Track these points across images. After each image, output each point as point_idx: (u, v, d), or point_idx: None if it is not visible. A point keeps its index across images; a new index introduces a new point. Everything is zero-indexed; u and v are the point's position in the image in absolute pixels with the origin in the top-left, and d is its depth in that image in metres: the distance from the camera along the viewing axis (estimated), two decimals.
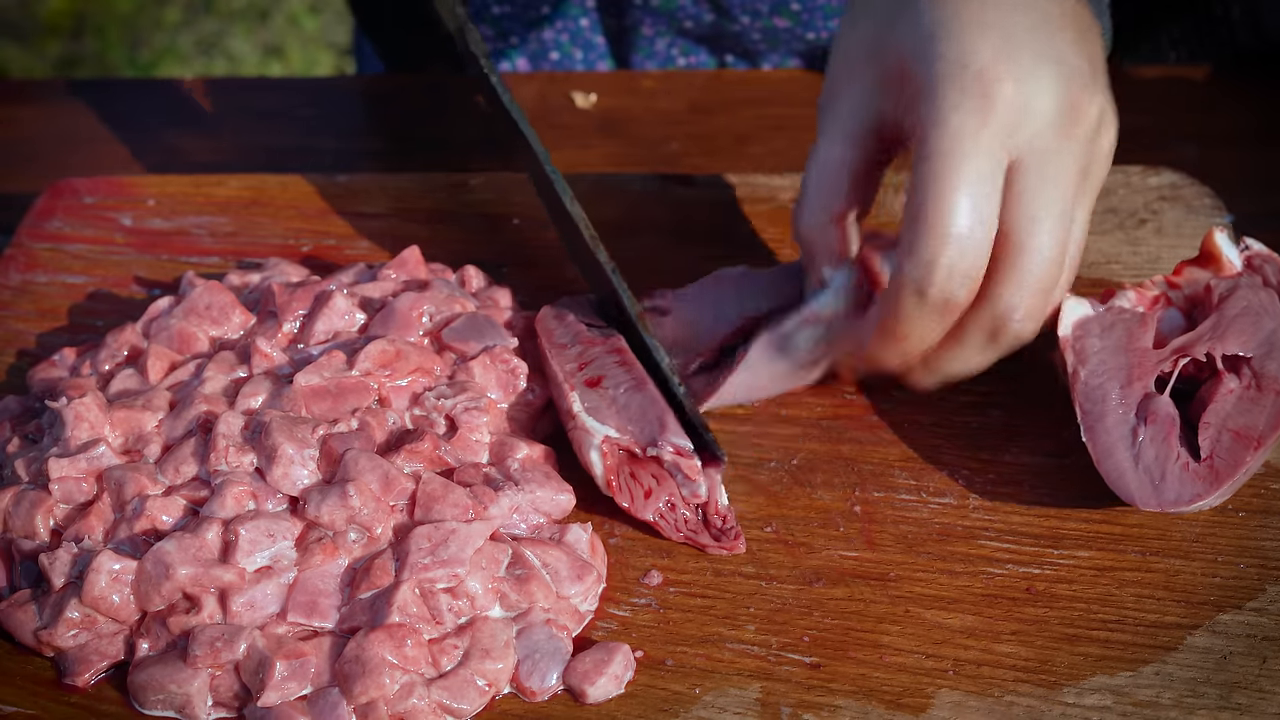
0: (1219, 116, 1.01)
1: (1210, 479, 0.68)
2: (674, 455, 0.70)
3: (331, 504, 0.67)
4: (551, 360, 0.75)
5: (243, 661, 0.64)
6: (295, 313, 0.78)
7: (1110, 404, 0.71)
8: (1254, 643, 0.66)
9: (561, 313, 0.79)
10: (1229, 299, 0.73)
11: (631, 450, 0.71)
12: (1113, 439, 0.70)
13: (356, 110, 1.10)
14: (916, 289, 0.69)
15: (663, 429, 0.71)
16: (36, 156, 1.05)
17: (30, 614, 0.67)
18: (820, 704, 0.64)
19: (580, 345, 0.76)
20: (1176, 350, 0.72)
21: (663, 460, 0.71)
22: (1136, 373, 0.71)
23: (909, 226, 0.69)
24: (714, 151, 1.01)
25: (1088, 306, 0.74)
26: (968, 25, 0.70)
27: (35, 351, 0.84)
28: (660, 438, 0.71)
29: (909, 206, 0.69)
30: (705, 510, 0.71)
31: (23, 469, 0.72)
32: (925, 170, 0.69)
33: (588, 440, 0.71)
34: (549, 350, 0.76)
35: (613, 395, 0.73)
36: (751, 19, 1.09)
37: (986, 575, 0.69)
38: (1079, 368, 0.72)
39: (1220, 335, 0.71)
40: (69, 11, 2.72)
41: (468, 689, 0.64)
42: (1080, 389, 0.72)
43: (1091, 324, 0.73)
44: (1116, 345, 0.72)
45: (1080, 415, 0.71)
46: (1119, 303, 0.74)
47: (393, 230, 0.91)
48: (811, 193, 0.75)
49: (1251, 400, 0.70)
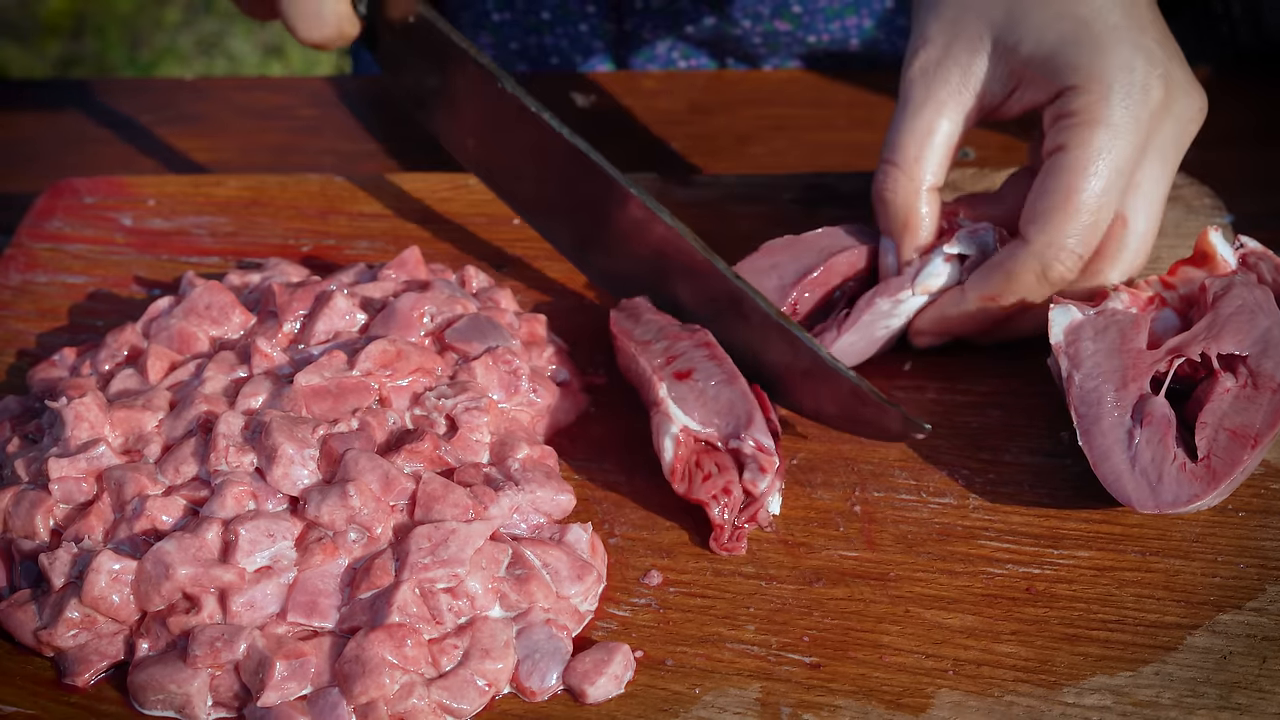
0: (1219, 116, 1.01)
1: (1208, 479, 0.68)
2: (754, 450, 0.71)
3: (331, 504, 0.67)
4: (639, 356, 0.76)
5: (243, 661, 0.64)
6: (296, 313, 0.78)
7: (1106, 407, 0.71)
8: (1254, 643, 0.66)
9: (634, 312, 0.80)
10: (1224, 297, 0.73)
11: (711, 442, 0.72)
12: (1109, 442, 0.70)
13: (356, 110, 1.10)
14: (1042, 267, 0.74)
15: (749, 424, 0.72)
16: (36, 156, 1.05)
17: (30, 614, 0.67)
18: (820, 704, 0.64)
19: (666, 340, 0.77)
20: (1171, 350, 0.72)
21: (742, 452, 0.71)
22: (1131, 374, 0.71)
23: (1044, 205, 0.73)
24: (714, 151, 1.01)
25: (1077, 311, 0.74)
26: (1114, 28, 0.73)
27: (35, 351, 0.84)
28: (744, 432, 0.72)
29: (1049, 185, 0.73)
30: (749, 505, 0.71)
31: (23, 469, 0.72)
32: (1078, 160, 0.72)
33: (665, 427, 0.73)
34: (634, 347, 0.77)
35: (702, 388, 0.74)
36: (753, 23, 1.09)
37: (986, 575, 0.69)
38: (1073, 372, 0.72)
39: (1216, 334, 0.71)
40: (69, 11, 2.72)
41: (468, 689, 0.64)
42: (1075, 393, 0.71)
43: (1084, 327, 0.73)
44: (1110, 348, 0.72)
45: (1076, 419, 0.71)
46: (1112, 305, 0.74)
47: (393, 230, 0.91)
48: (911, 162, 0.77)
49: (1248, 399, 0.70)
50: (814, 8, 1.08)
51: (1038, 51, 0.74)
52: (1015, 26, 0.75)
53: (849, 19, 1.09)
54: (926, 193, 0.77)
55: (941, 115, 0.76)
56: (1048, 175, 0.73)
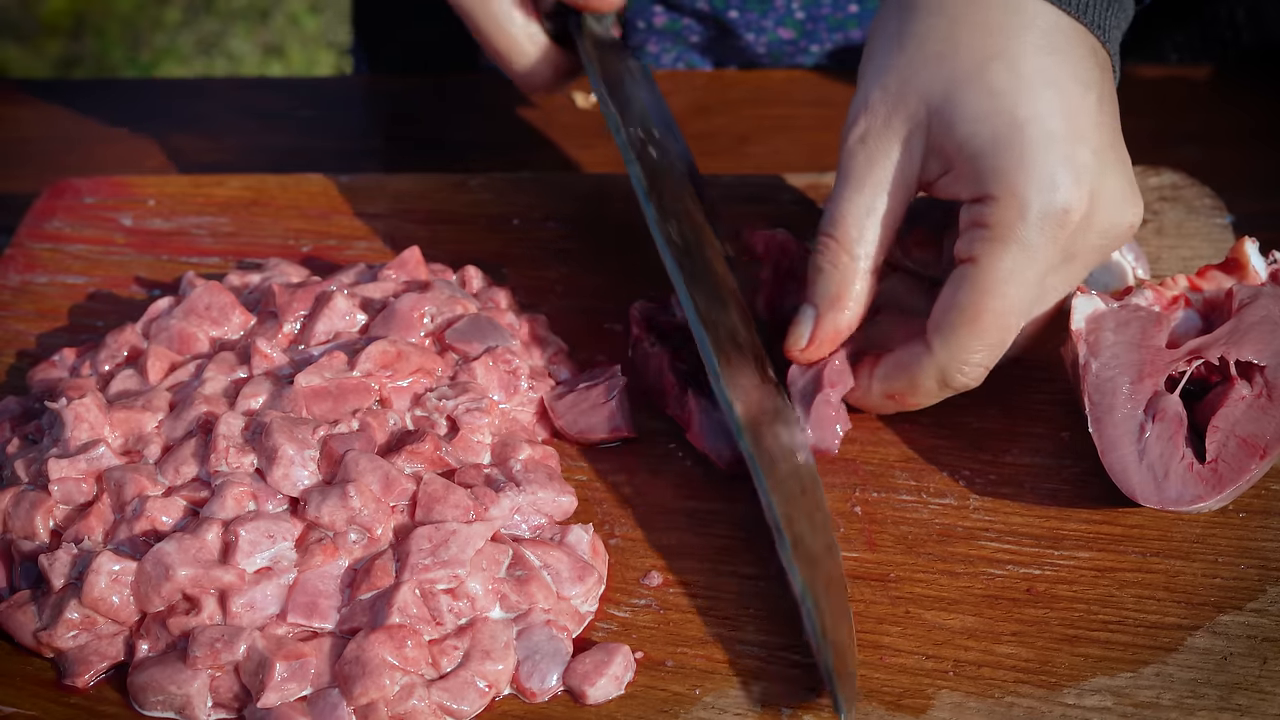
0: (1220, 116, 1.01)
1: (1213, 482, 0.68)
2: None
3: (332, 505, 0.67)
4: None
5: (242, 662, 0.64)
6: (296, 313, 0.78)
7: (1120, 398, 0.71)
8: (1254, 644, 0.66)
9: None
10: (1249, 306, 0.73)
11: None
12: (1119, 432, 0.70)
13: (356, 110, 1.10)
14: (944, 377, 0.72)
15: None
16: (36, 156, 1.05)
17: (30, 615, 0.67)
18: (820, 704, 0.64)
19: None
20: (1191, 351, 0.72)
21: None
22: (1149, 369, 0.71)
23: (950, 319, 0.70)
24: (714, 151, 1.01)
25: (1100, 301, 0.73)
26: (1049, 139, 0.69)
27: (35, 352, 0.84)
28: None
29: (957, 300, 0.70)
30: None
31: (23, 469, 0.72)
32: (987, 278, 0.69)
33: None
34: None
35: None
36: (756, 35, 1.09)
37: (987, 576, 0.69)
38: (1091, 359, 0.72)
39: (1237, 340, 0.71)
40: (69, 11, 2.72)
41: (468, 690, 0.64)
42: (1091, 380, 0.71)
43: (1106, 318, 0.73)
44: (1131, 341, 0.72)
45: (1089, 406, 0.71)
46: (1136, 300, 0.74)
47: (393, 230, 0.91)
48: (852, 241, 0.73)
49: (1261, 409, 0.70)
50: (817, 14, 1.08)
51: (967, 146, 0.70)
52: (953, 111, 0.71)
53: (853, 31, 1.08)
54: (865, 273, 0.74)
55: (881, 193, 0.73)
56: (957, 288, 0.70)
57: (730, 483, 0.74)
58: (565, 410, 0.76)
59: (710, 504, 0.74)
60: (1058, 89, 0.70)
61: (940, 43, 0.72)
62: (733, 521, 0.73)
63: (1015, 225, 0.69)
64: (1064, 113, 0.70)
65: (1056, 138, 0.69)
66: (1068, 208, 0.69)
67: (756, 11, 1.07)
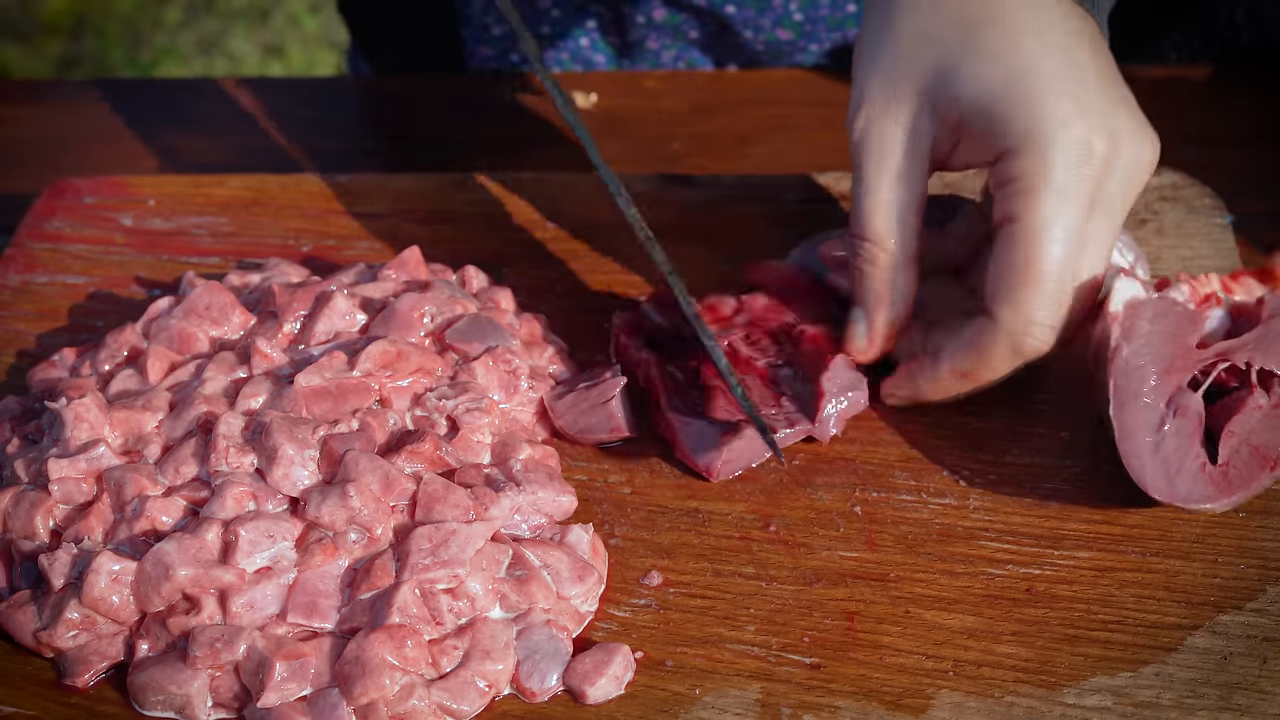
0: (1220, 116, 1.01)
1: (1223, 485, 0.69)
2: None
3: (332, 505, 0.67)
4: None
5: (242, 662, 0.64)
6: (296, 313, 0.78)
7: (1146, 386, 0.71)
8: (1254, 643, 0.66)
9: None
10: (1278, 316, 0.73)
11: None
12: (1139, 421, 0.70)
13: (356, 110, 1.10)
14: (1015, 344, 0.71)
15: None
16: (36, 156, 1.05)
17: (30, 615, 0.67)
18: (820, 704, 0.64)
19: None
20: (1219, 353, 0.72)
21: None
22: (1178, 364, 0.71)
23: (1006, 281, 0.70)
24: (715, 151, 1.01)
25: (1139, 288, 0.73)
26: (1048, 78, 0.70)
27: (35, 351, 0.84)
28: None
29: (1008, 260, 0.70)
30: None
31: (23, 469, 0.72)
32: (1029, 230, 0.69)
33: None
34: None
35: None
36: (754, 33, 1.09)
37: (987, 576, 0.69)
38: (1123, 344, 0.71)
39: (1263, 349, 0.71)
40: (69, 11, 2.72)
41: (468, 690, 0.64)
42: (1119, 364, 0.71)
43: (1145, 307, 0.72)
44: (1165, 334, 0.72)
45: (1112, 389, 0.70)
46: (1173, 294, 0.74)
47: (393, 230, 0.91)
48: (884, 236, 0.74)
49: (1277, 420, 0.70)
50: (815, 15, 1.08)
51: (972, 109, 0.71)
52: (950, 80, 0.71)
53: (851, 30, 1.09)
54: (904, 264, 0.74)
55: (899, 183, 0.73)
56: (1004, 249, 0.71)
57: (730, 483, 0.74)
58: (565, 410, 0.76)
59: (710, 504, 0.74)
60: (1046, 36, 0.71)
61: (925, 22, 0.73)
62: (733, 521, 0.73)
63: (1040, 171, 0.69)
64: (1057, 54, 0.70)
65: (1056, 76, 0.70)
66: (1087, 142, 0.69)
67: (754, 9, 1.07)
